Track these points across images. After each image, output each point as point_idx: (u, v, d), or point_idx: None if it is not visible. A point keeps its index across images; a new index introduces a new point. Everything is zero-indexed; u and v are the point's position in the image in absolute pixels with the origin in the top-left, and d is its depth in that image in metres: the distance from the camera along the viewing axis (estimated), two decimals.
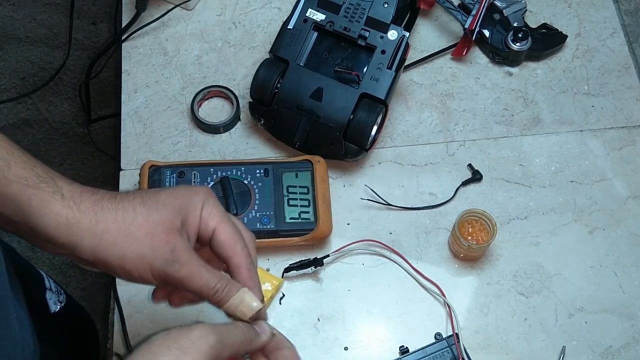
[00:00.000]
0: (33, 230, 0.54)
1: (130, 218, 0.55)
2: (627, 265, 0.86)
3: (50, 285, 0.90)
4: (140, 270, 0.55)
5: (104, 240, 0.54)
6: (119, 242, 0.54)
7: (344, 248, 0.85)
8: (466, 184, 0.90)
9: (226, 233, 0.58)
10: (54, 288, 0.91)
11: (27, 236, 0.55)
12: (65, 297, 0.92)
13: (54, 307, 0.89)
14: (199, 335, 0.51)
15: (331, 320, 0.83)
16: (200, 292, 0.56)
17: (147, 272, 0.55)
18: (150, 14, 1.01)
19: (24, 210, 0.53)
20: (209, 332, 0.51)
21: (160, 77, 0.98)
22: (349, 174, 0.91)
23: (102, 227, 0.54)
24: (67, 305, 0.92)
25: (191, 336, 0.50)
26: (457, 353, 0.79)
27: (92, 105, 1.32)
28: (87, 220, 0.54)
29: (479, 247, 0.82)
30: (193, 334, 0.51)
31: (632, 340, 0.82)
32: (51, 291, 0.89)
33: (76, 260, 0.56)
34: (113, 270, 0.55)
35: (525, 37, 0.94)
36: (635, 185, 0.90)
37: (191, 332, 0.51)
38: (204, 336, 0.51)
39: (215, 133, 0.94)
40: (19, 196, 0.53)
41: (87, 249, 0.54)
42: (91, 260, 0.55)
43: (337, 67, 0.88)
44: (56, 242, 0.54)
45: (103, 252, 0.54)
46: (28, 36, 1.62)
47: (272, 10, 1.03)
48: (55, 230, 0.53)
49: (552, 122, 0.95)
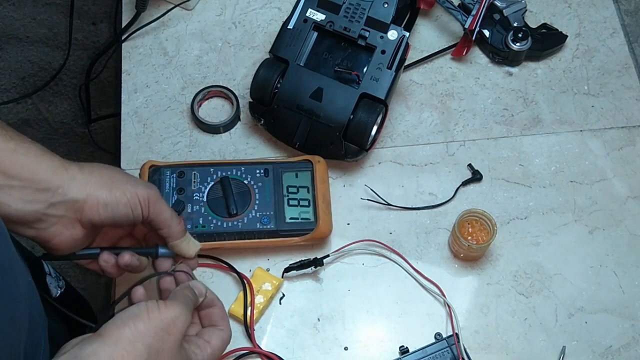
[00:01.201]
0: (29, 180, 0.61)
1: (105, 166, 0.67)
2: (627, 265, 0.86)
3: (50, 271, 0.90)
4: (128, 194, 0.65)
5: (93, 176, 0.64)
6: (105, 175, 0.65)
7: (344, 248, 0.85)
8: (466, 184, 0.90)
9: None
10: (53, 274, 0.91)
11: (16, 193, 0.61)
12: (64, 283, 0.93)
13: (55, 292, 0.89)
14: (176, 314, 0.59)
15: (331, 320, 0.83)
16: (167, 223, 0.67)
17: (134, 196, 0.65)
18: (150, 14, 1.01)
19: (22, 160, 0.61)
20: (182, 310, 0.60)
21: (160, 77, 0.98)
22: (349, 174, 0.91)
23: (88, 168, 0.65)
24: (67, 291, 0.93)
25: (171, 315, 0.59)
26: (457, 353, 0.79)
27: (92, 105, 1.32)
28: (75, 165, 0.64)
29: (479, 247, 0.82)
30: (170, 314, 0.59)
31: (632, 340, 0.82)
32: (51, 276, 0.89)
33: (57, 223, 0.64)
34: (102, 202, 0.64)
35: (525, 37, 0.94)
36: (635, 185, 0.90)
37: (168, 312, 0.59)
38: (179, 315, 0.59)
39: (215, 133, 0.94)
40: (18, 149, 0.61)
41: (80, 186, 0.63)
42: (83, 197, 0.63)
43: (337, 67, 0.88)
44: (52, 185, 0.62)
45: (94, 184, 0.64)
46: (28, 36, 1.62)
47: (272, 10, 1.03)
48: (52, 172, 0.62)
49: (552, 122, 0.95)
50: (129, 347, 0.56)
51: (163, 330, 0.58)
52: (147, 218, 0.67)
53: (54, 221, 0.64)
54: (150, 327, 0.57)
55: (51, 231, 0.64)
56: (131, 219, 0.66)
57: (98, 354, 0.55)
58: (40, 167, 0.62)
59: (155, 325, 0.58)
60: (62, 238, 0.65)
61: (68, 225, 0.64)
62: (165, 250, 0.70)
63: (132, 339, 0.56)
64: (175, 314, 0.59)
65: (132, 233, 0.73)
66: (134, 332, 0.57)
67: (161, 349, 0.58)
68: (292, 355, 0.81)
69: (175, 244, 0.69)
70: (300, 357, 0.81)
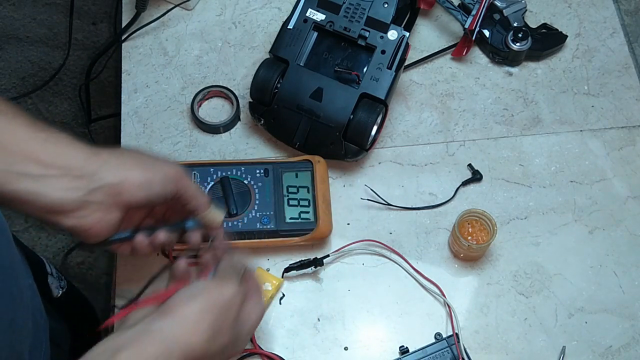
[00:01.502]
0: (64, 167, 0.62)
1: (132, 150, 0.70)
2: (627, 265, 0.86)
3: (52, 271, 0.90)
4: (159, 173, 0.67)
5: (124, 158, 0.66)
6: (135, 157, 0.67)
7: (344, 248, 0.85)
8: (466, 184, 0.90)
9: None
10: (55, 274, 0.91)
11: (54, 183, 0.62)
12: (66, 283, 0.93)
13: (56, 292, 0.90)
14: (234, 292, 0.62)
15: (331, 320, 0.83)
16: (195, 196, 0.70)
17: (164, 175, 0.67)
18: (150, 14, 1.01)
19: (55, 149, 0.63)
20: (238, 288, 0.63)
21: (160, 77, 0.98)
22: (349, 174, 0.91)
23: (118, 152, 0.67)
24: (68, 291, 0.93)
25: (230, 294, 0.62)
26: (457, 353, 0.79)
27: (92, 105, 1.32)
28: (104, 150, 0.66)
29: (479, 247, 0.82)
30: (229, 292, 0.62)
31: (632, 340, 0.82)
32: (52, 276, 0.90)
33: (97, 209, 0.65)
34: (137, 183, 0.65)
35: (525, 37, 0.94)
36: (635, 185, 0.90)
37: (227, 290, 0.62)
38: (237, 293, 0.63)
39: (215, 133, 0.94)
40: (49, 138, 0.63)
41: (114, 170, 0.65)
42: (120, 180, 0.64)
43: (337, 67, 0.88)
44: (88, 171, 0.63)
45: (127, 167, 0.66)
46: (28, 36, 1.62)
47: (272, 10, 1.03)
48: (86, 159, 0.63)
49: (552, 122, 0.95)
50: (195, 324, 0.59)
51: (224, 308, 0.61)
52: (176, 194, 0.69)
53: (94, 208, 0.64)
54: (212, 306, 0.60)
55: (92, 218, 0.65)
56: (163, 196, 0.68)
57: (168, 329, 0.58)
58: (74, 154, 0.63)
59: (217, 304, 0.61)
60: (102, 224, 0.66)
61: (107, 210, 0.65)
62: (192, 224, 0.73)
63: (198, 316, 0.59)
64: (234, 292, 0.62)
65: (152, 213, 0.74)
66: (200, 310, 0.60)
67: (222, 325, 0.61)
68: (292, 355, 0.81)
69: (204, 215, 0.72)
70: (300, 357, 0.81)
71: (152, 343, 0.57)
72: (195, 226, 0.73)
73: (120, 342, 0.57)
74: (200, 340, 0.59)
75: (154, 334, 0.57)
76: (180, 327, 0.58)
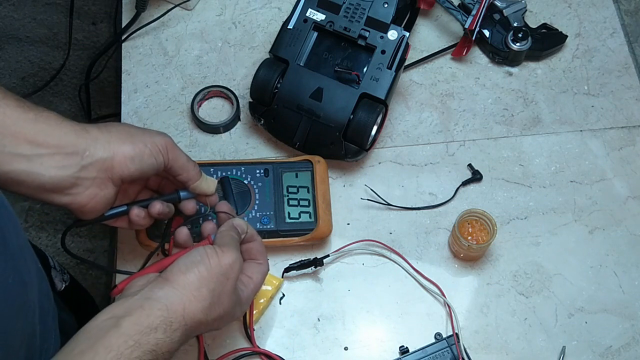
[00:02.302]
0: (56, 145, 0.63)
1: (120, 124, 0.70)
2: (627, 265, 0.86)
3: (55, 264, 0.90)
4: (149, 145, 0.67)
5: (113, 133, 0.66)
6: (123, 132, 0.67)
7: (344, 248, 0.85)
8: (466, 184, 0.90)
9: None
10: (58, 267, 0.91)
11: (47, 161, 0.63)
12: (69, 277, 0.93)
13: (59, 285, 0.90)
14: (233, 259, 0.65)
15: (331, 320, 0.83)
16: (185, 167, 0.71)
17: (154, 145, 0.67)
18: (150, 14, 1.01)
19: (45, 128, 0.63)
20: (237, 254, 0.65)
21: (160, 77, 0.98)
22: (349, 174, 0.91)
23: (106, 128, 0.67)
24: (71, 284, 0.93)
25: (228, 261, 0.64)
26: (457, 353, 0.79)
27: (92, 105, 1.32)
28: (93, 127, 0.66)
29: (479, 247, 0.82)
30: (228, 260, 0.64)
31: (632, 340, 0.82)
32: (55, 270, 0.90)
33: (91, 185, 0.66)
34: (129, 155, 0.66)
35: (525, 37, 0.94)
36: (635, 185, 0.90)
37: (225, 258, 0.64)
38: (235, 260, 0.65)
39: (215, 133, 0.94)
40: (38, 118, 0.63)
41: (104, 145, 0.65)
42: (110, 155, 0.65)
43: (337, 67, 0.88)
44: (79, 147, 0.64)
45: (116, 141, 0.66)
46: (28, 36, 1.62)
47: (272, 10, 1.03)
48: (76, 136, 0.64)
49: (552, 122, 0.95)
50: (195, 292, 0.61)
51: (223, 276, 0.63)
52: (167, 164, 0.70)
53: (88, 184, 0.65)
54: (212, 273, 0.63)
55: (86, 194, 0.66)
56: (155, 167, 0.69)
57: (169, 297, 0.60)
58: (64, 132, 0.64)
59: (217, 271, 0.63)
60: (97, 200, 0.67)
61: (101, 185, 0.66)
62: (186, 193, 0.75)
63: (198, 284, 0.62)
64: (232, 259, 0.65)
65: (147, 186, 0.76)
66: (199, 278, 0.62)
67: (222, 292, 0.63)
68: (292, 355, 0.81)
69: (195, 185, 0.73)
70: (300, 357, 0.81)
71: (154, 310, 0.59)
72: (189, 195, 0.75)
73: (123, 310, 0.58)
74: (200, 307, 0.61)
75: (155, 302, 0.59)
76: (181, 295, 0.60)
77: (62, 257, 1.45)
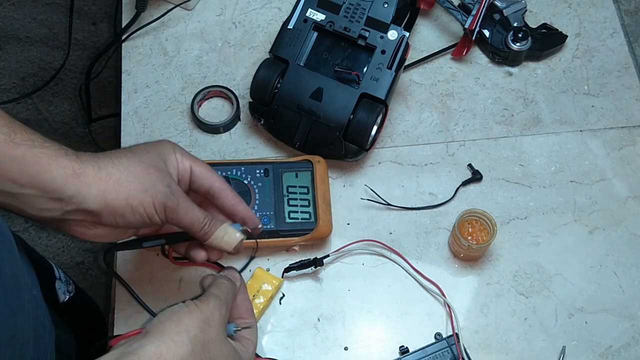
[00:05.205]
0: (41, 189, 0.59)
1: (126, 162, 0.63)
2: (627, 265, 0.86)
3: (60, 275, 0.90)
4: (144, 204, 0.62)
5: (110, 183, 0.61)
6: (123, 181, 0.61)
7: (344, 248, 0.85)
8: (466, 184, 0.90)
9: (202, 166, 0.69)
10: (63, 278, 0.91)
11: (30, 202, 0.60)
12: (74, 287, 0.93)
13: (63, 297, 0.90)
14: (214, 306, 0.62)
15: (331, 320, 0.83)
16: (191, 226, 0.65)
17: (150, 206, 0.62)
18: (150, 14, 1.01)
19: (32, 169, 0.58)
20: (219, 302, 0.62)
21: (160, 77, 0.98)
22: (349, 174, 0.91)
23: (105, 172, 0.61)
24: (76, 295, 0.93)
25: (209, 307, 0.61)
26: (457, 353, 0.79)
27: (92, 105, 1.32)
28: (91, 168, 0.61)
29: (479, 247, 0.82)
30: (209, 306, 0.61)
31: (632, 340, 0.82)
32: (60, 281, 0.90)
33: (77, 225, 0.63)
34: (119, 212, 0.62)
35: (525, 37, 0.94)
36: (635, 185, 0.90)
37: (205, 305, 0.61)
38: (217, 307, 0.62)
39: (215, 133, 0.94)
40: (26, 156, 0.58)
41: (96, 196, 0.61)
42: (98, 208, 0.61)
43: (337, 67, 0.88)
44: (65, 195, 0.59)
45: (110, 194, 0.61)
46: (28, 36, 1.62)
47: (272, 10, 1.03)
48: (64, 182, 0.59)
49: (552, 122, 0.95)
50: (175, 337, 0.58)
51: (204, 322, 0.60)
52: (165, 223, 0.65)
53: (73, 223, 0.63)
54: (191, 319, 0.59)
55: (73, 231, 0.64)
56: (149, 225, 0.65)
57: (145, 347, 0.56)
58: (52, 175, 0.59)
59: (196, 316, 0.60)
60: (87, 236, 0.65)
61: (89, 226, 0.64)
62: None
63: (177, 330, 0.58)
64: (214, 306, 0.62)
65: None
66: (177, 324, 0.59)
67: (205, 340, 0.60)
68: (292, 355, 0.81)
69: (209, 241, 0.67)
70: (300, 357, 0.81)
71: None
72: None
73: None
74: (181, 353, 0.57)
75: (133, 355, 0.56)
76: (158, 343, 0.57)
77: (62, 257, 1.45)
